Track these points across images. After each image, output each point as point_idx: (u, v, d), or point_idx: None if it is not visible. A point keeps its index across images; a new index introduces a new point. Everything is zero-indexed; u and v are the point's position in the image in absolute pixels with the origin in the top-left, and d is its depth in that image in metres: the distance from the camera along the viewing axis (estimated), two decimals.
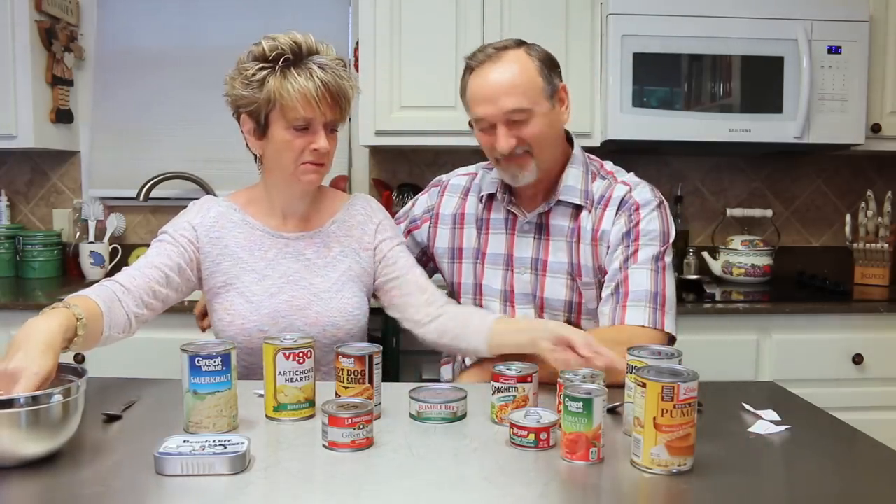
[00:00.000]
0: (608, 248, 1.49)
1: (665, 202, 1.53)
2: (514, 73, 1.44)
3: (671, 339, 1.45)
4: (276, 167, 1.46)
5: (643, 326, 1.42)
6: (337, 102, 1.40)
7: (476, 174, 1.68)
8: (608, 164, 1.60)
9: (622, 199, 1.50)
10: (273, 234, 1.52)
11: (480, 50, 1.49)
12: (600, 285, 1.51)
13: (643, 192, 1.51)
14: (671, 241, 1.50)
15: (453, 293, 1.67)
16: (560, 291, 1.53)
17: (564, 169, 1.54)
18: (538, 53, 1.48)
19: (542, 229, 1.55)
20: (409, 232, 1.71)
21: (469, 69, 1.49)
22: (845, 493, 0.98)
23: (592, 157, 1.61)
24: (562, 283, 1.53)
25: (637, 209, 1.49)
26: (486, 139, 1.49)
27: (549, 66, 1.48)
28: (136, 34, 2.79)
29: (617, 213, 1.50)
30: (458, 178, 1.70)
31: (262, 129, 1.43)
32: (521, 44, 1.49)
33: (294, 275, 1.50)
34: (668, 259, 1.49)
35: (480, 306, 1.60)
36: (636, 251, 1.46)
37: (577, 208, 1.53)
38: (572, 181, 1.53)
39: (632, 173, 1.58)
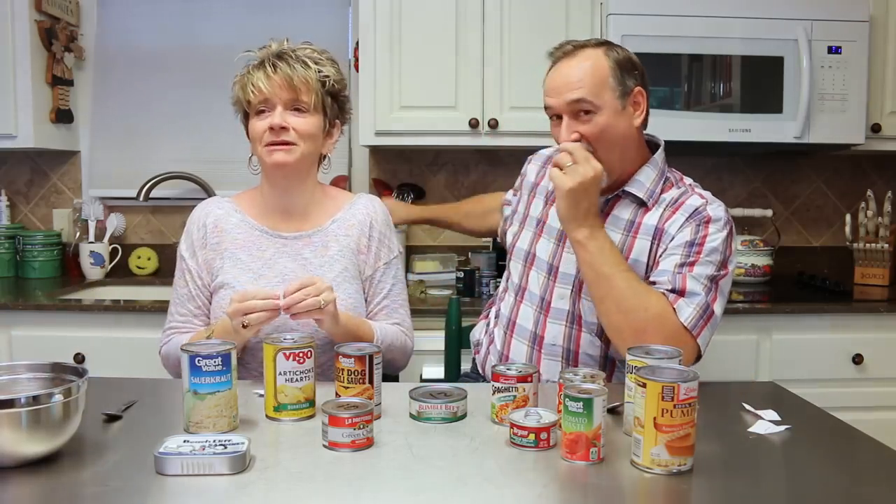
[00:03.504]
0: (665, 249, 1.46)
1: (734, 230, 1.49)
2: (583, 68, 1.46)
3: (698, 356, 1.42)
4: (258, 161, 1.52)
5: (685, 325, 1.38)
6: (288, 82, 1.45)
7: None
8: (688, 179, 1.58)
9: (696, 209, 1.46)
10: (271, 234, 1.53)
11: (561, 45, 1.53)
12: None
13: (718, 209, 1.48)
14: (729, 269, 1.45)
15: (510, 253, 1.69)
16: None
17: (638, 170, 1.53)
18: (617, 54, 1.48)
19: (601, 216, 1.53)
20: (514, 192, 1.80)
21: (551, 63, 1.54)
22: (845, 493, 0.98)
23: (674, 169, 1.59)
24: None
25: (707, 223, 1.45)
26: (554, 130, 1.52)
27: (626, 67, 1.48)
28: (135, 34, 2.79)
29: (686, 221, 1.46)
30: (549, 149, 1.73)
31: (246, 128, 1.52)
32: (602, 43, 1.51)
33: (290, 274, 1.50)
34: (723, 284, 1.44)
35: (527, 275, 1.60)
36: (694, 263, 1.42)
37: (641, 204, 1.52)
38: (643, 178, 1.52)
39: (709, 192, 1.54)
